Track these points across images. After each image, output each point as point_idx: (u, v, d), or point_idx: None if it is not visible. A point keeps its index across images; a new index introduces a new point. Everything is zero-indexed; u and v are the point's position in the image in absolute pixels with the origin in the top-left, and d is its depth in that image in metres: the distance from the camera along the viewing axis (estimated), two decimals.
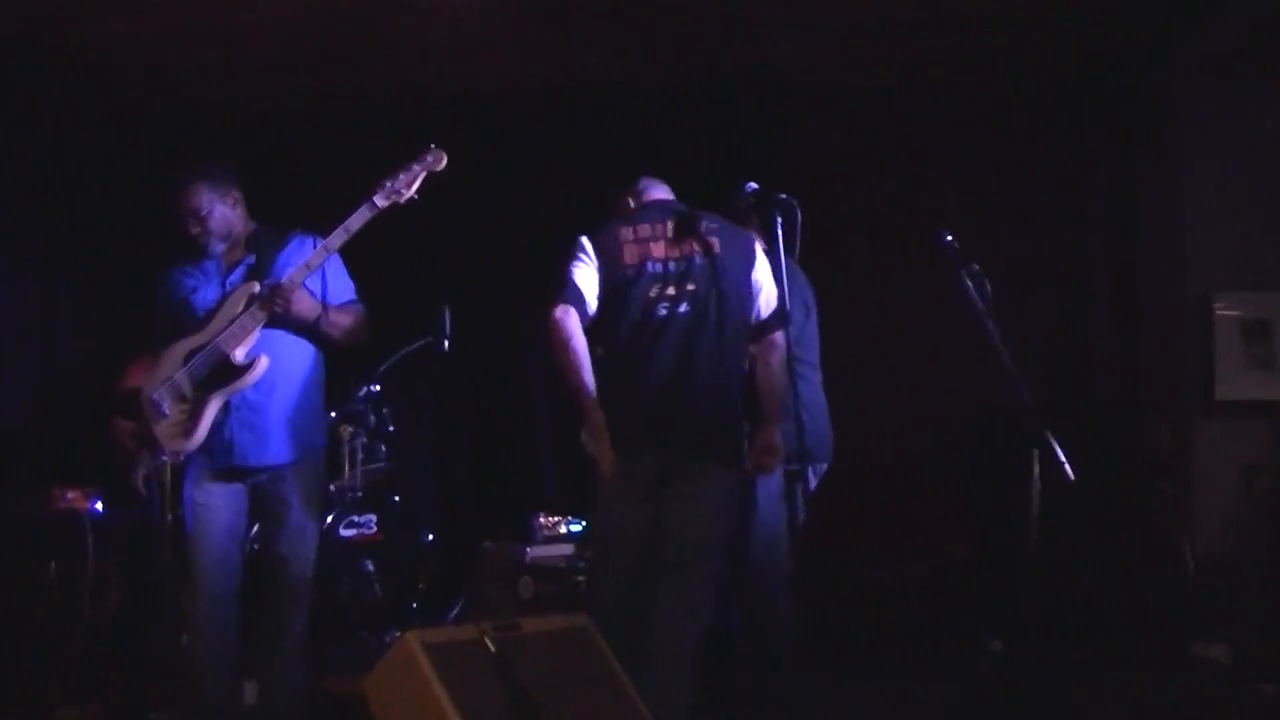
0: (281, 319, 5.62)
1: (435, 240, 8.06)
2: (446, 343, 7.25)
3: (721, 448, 5.55)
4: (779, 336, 5.59)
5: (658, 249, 5.54)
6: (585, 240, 5.53)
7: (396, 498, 7.49)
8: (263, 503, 5.79)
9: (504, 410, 8.24)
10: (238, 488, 5.75)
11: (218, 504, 5.70)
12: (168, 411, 5.61)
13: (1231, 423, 7.55)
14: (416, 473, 7.87)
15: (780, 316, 5.56)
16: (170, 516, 5.74)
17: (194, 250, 5.78)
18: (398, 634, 7.07)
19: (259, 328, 5.58)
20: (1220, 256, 7.62)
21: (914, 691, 6.64)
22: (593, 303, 5.46)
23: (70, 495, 6.07)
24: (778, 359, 5.60)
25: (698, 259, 5.54)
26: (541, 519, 7.03)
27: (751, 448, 5.60)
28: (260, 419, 5.71)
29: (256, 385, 5.63)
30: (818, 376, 6.22)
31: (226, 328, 5.57)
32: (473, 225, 8.21)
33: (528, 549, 6.86)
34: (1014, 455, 5.60)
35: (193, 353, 5.61)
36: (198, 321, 5.70)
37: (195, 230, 5.71)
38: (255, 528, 5.99)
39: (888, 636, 7.38)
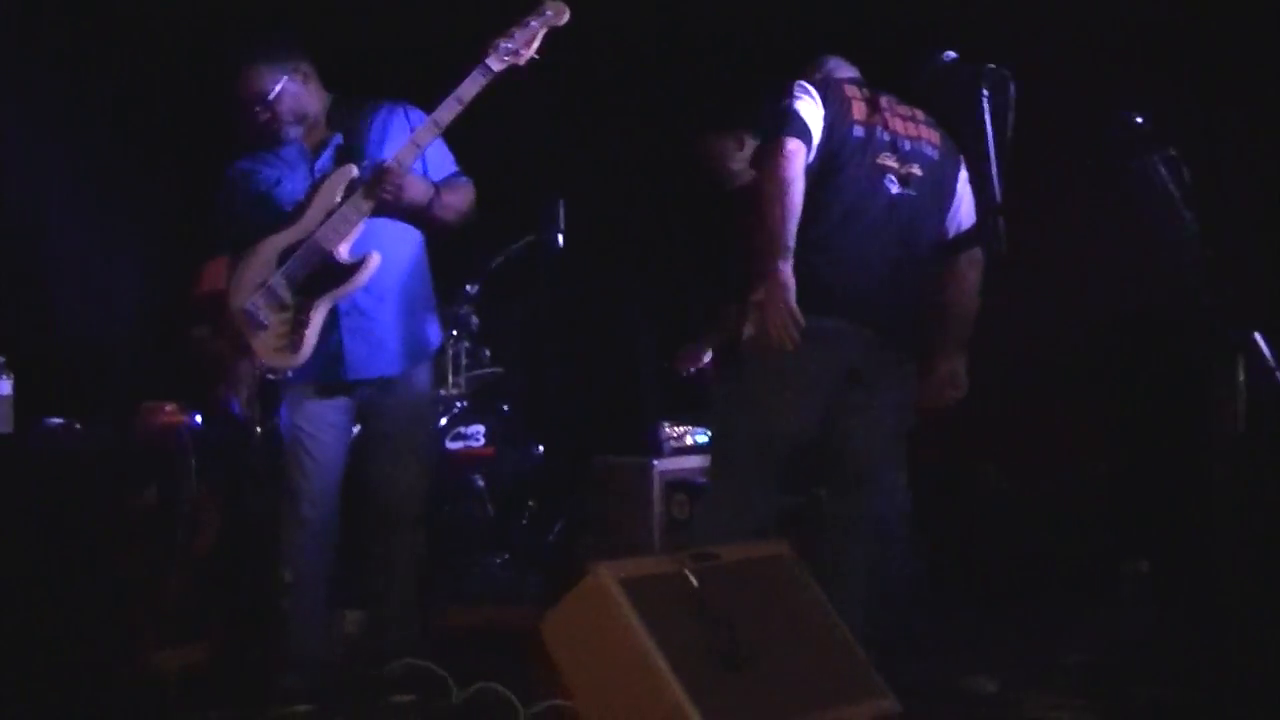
0: (390, 206, 4.89)
1: (546, 123, 7.25)
2: (560, 237, 6.62)
3: (917, 358, 4.92)
4: (979, 253, 4.90)
5: (887, 118, 4.82)
6: (805, 82, 4.74)
7: (506, 407, 6.85)
8: (370, 418, 5.12)
9: (620, 311, 7.52)
10: (343, 403, 5.07)
11: (323, 428, 5.03)
12: (267, 322, 4.88)
13: None
14: (524, 379, 7.20)
15: (983, 230, 4.75)
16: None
17: (267, 139, 5.06)
18: (506, 557, 6.61)
19: (364, 219, 4.85)
20: None
21: (1053, 618, 6.06)
22: (814, 149, 4.66)
23: (167, 409, 5.40)
24: (975, 277, 4.93)
25: (927, 147, 4.87)
26: (666, 428, 6.42)
27: (928, 378, 4.94)
28: (373, 324, 5.01)
29: (367, 286, 4.91)
30: None
31: (324, 221, 4.85)
32: (588, 107, 7.38)
33: (655, 462, 6.27)
34: (1199, 361, 5.04)
35: (287, 252, 4.89)
36: (286, 216, 4.96)
37: (264, 117, 4.98)
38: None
39: (1020, 560, 6.70)
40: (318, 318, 4.87)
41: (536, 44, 4.82)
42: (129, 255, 6.54)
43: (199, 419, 5.45)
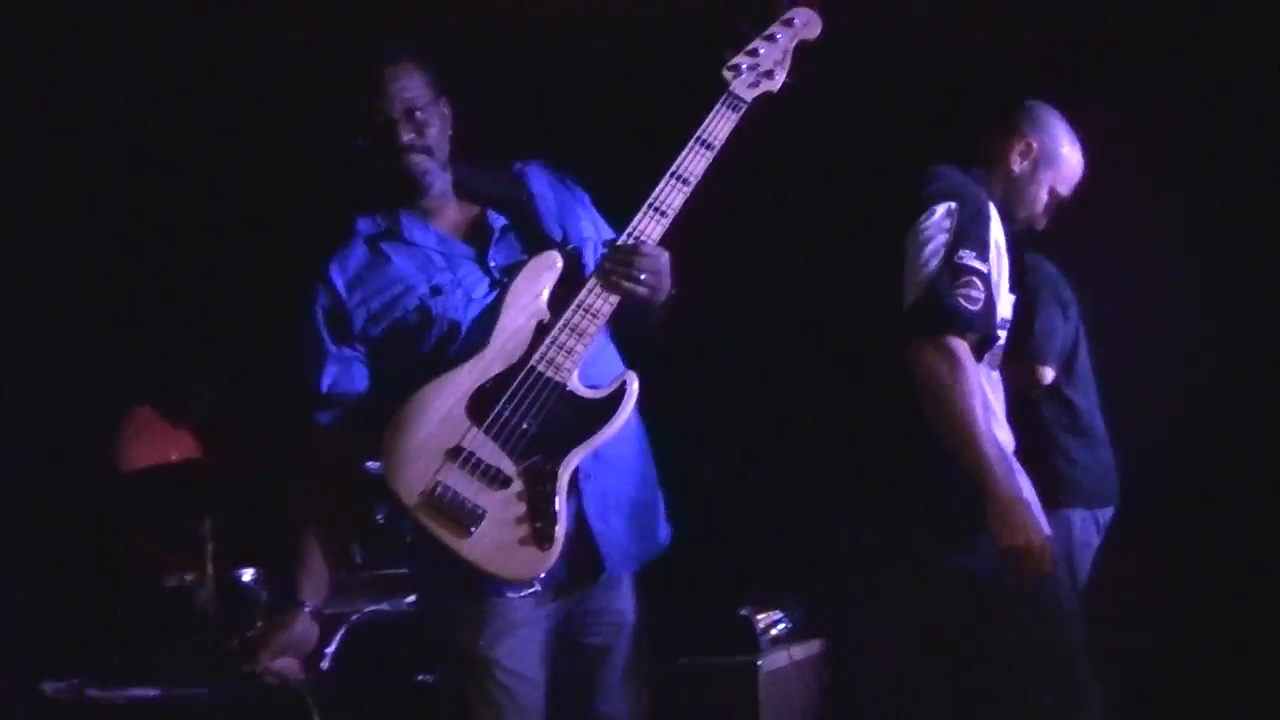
0: (634, 305, 3.30)
1: None
2: None
3: None
4: None
5: None
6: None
7: None
8: (590, 634, 3.41)
9: None
10: (551, 617, 3.36)
11: (534, 664, 3.32)
12: (481, 508, 3.13)
13: None
14: None
15: None
16: None
17: (399, 183, 3.39)
18: None
19: (601, 328, 3.25)
20: None
21: None
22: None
23: None
24: None
25: None
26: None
27: None
28: (624, 484, 3.39)
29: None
30: None
31: (541, 341, 3.21)
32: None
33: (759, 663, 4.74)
34: None
35: (484, 396, 3.17)
36: (466, 342, 3.27)
37: (407, 137, 3.32)
38: None
39: None
40: (564, 487, 3.17)
41: (789, 61, 3.47)
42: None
43: None
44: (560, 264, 3.30)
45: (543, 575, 3.17)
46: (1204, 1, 5.52)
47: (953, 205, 3.47)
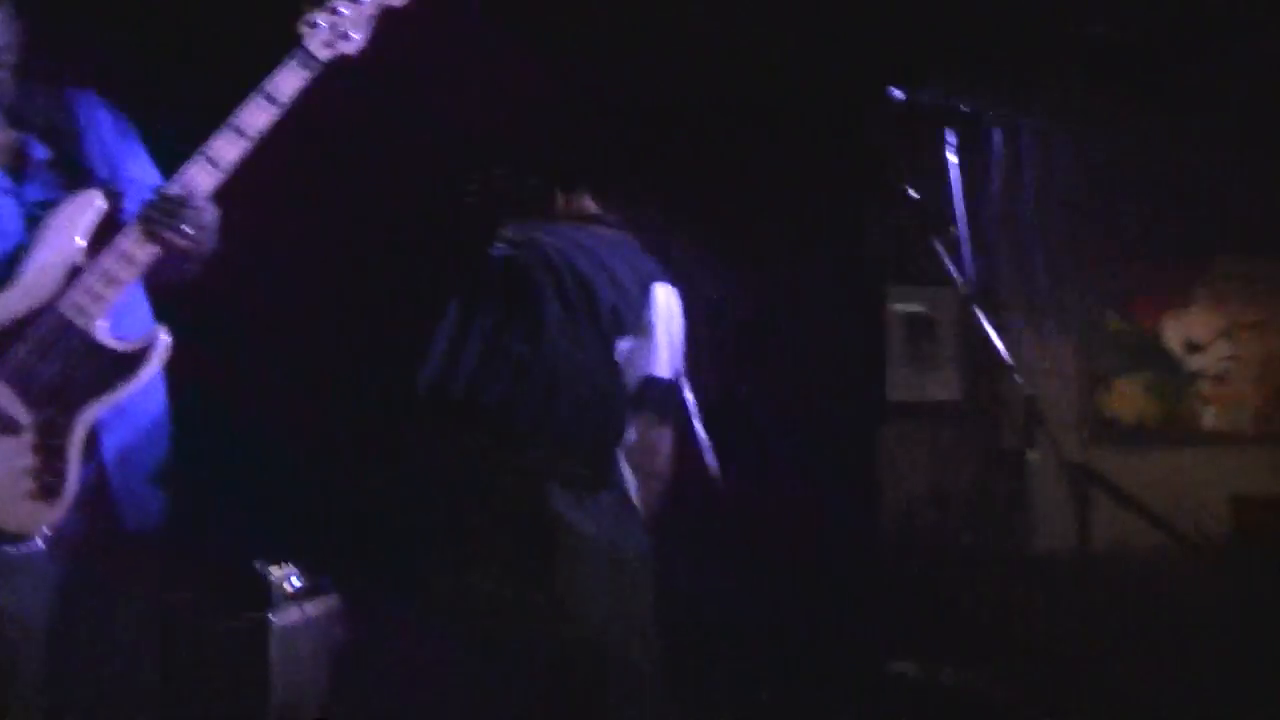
0: (177, 260, 3.16)
1: None
2: None
3: None
4: None
5: None
6: None
7: None
8: (93, 587, 3.23)
9: None
10: (58, 565, 3.16)
11: (33, 610, 3.16)
12: None
13: None
14: None
15: None
16: None
17: None
18: None
19: (135, 278, 3.10)
20: None
21: None
22: None
23: None
24: None
25: None
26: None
27: None
28: (150, 443, 3.27)
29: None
30: None
31: (70, 282, 3.05)
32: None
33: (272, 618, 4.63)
34: None
35: (3, 337, 3.00)
36: None
37: None
38: None
39: None
40: (79, 440, 3.03)
41: (369, 28, 3.31)
42: None
43: None
44: (101, 204, 3.14)
45: (46, 531, 3.03)
46: None
47: None
